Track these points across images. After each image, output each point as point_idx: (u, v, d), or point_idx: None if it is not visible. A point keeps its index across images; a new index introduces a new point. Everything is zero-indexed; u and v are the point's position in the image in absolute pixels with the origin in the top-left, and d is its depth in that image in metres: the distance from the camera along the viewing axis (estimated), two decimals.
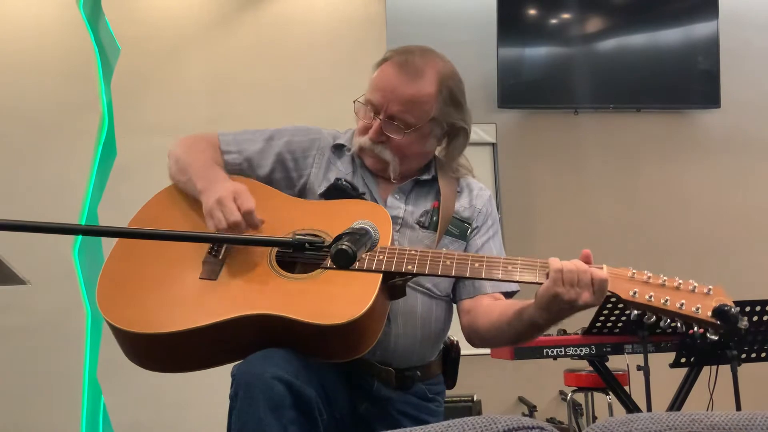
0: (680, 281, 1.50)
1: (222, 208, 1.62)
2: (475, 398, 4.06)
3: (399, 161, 1.79)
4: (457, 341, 1.87)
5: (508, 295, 1.80)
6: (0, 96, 3.70)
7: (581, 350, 3.11)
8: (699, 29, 5.07)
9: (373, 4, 4.17)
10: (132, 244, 1.69)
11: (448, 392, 1.90)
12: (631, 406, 3.19)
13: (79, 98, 3.73)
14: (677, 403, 3.17)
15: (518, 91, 4.95)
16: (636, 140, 5.11)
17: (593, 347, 3.11)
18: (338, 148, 1.88)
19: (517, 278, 1.56)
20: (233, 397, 1.48)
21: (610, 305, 3.01)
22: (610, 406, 3.74)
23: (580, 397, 4.08)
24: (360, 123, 1.82)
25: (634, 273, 1.52)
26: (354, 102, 1.81)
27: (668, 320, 1.49)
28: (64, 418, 3.46)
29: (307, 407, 1.47)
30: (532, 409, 4.50)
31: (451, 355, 1.86)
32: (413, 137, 1.77)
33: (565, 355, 3.13)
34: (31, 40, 3.78)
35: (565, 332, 3.17)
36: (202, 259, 1.66)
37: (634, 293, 1.48)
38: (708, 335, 1.48)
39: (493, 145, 4.98)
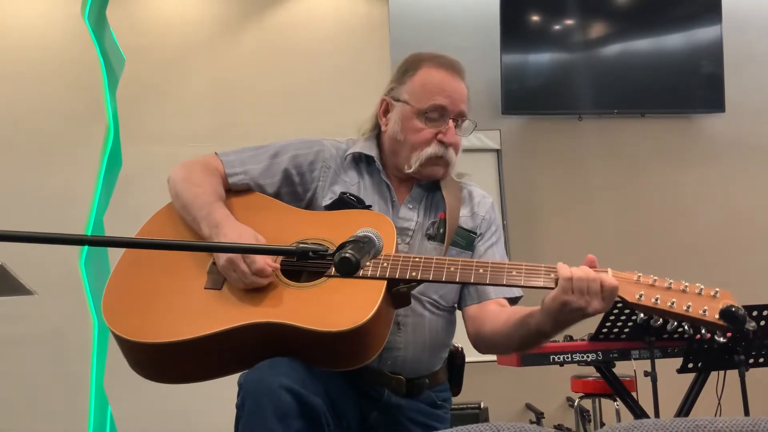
0: (686, 284, 1.49)
1: (235, 268, 1.59)
2: (482, 405, 4.05)
3: None
4: (462, 348, 1.88)
5: (513, 300, 1.80)
6: (6, 106, 3.73)
7: (588, 356, 3.10)
8: (702, 34, 5.07)
9: (376, 11, 4.19)
10: (137, 256, 1.70)
11: (454, 399, 1.89)
12: (638, 412, 3.18)
13: (85, 108, 3.76)
14: (685, 408, 3.15)
15: (522, 97, 4.95)
16: (640, 145, 5.10)
17: (600, 353, 3.10)
18: (360, 161, 1.85)
19: (522, 283, 1.55)
20: (240, 407, 1.48)
21: (616, 311, 3.00)
22: (617, 412, 3.73)
23: (587, 404, 4.07)
24: (424, 133, 1.77)
25: (639, 276, 1.51)
26: (411, 112, 1.77)
27: (675, 323, 1.48)
28: (72, 427, 3.46)
29: (314, 417, 1.47)
30: (539, 416, 4.48)
31: (456, 361, 1.86)
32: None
33: (572, 362, 3.12)
34: (37, 51, 3.81)
35: (571, 338, 3.17)
36: (206, 269, 1.66)
37: (641, 296, 1.48)
38: (716, 338, 1.48)
39: (498, 151, 4.98)
